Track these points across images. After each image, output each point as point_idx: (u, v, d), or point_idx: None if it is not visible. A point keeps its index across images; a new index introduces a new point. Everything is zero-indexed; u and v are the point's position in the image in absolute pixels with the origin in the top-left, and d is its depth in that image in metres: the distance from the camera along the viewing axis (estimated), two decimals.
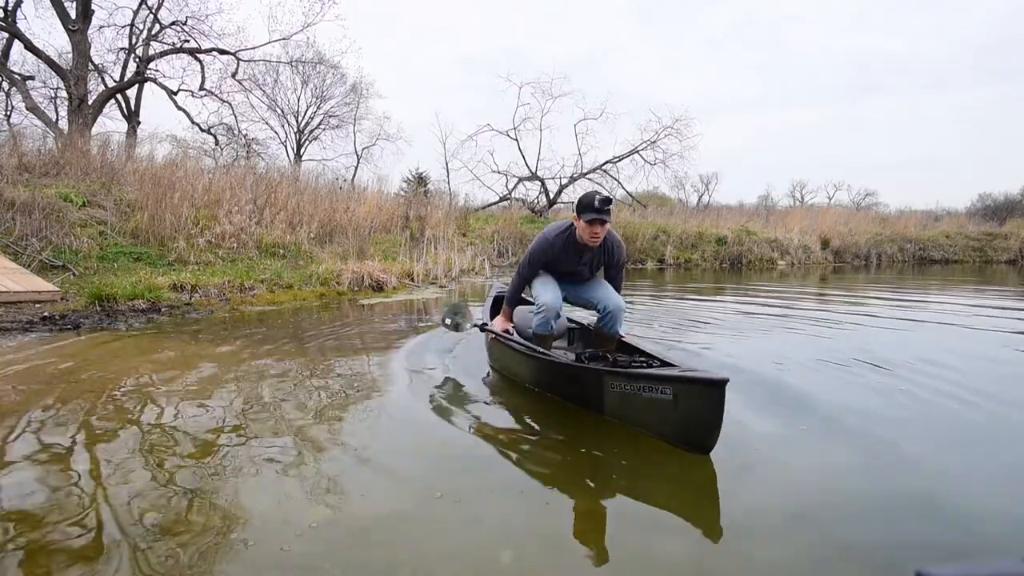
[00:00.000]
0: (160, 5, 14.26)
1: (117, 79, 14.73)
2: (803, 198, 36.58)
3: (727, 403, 2.08)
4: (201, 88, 15.21)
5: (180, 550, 1.51)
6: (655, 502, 1.87)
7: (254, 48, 15.49)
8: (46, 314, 4.96)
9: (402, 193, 17.86)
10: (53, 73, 14.37)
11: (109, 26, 13.99)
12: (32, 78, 14.75)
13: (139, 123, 15.75)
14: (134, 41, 14.48)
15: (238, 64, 15.44)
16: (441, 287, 8.82)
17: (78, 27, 12.89)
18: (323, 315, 5.89)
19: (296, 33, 15.74)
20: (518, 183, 19.17)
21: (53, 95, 16.60)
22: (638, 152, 18.80)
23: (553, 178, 18.75)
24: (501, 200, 19.06)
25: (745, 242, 16.42)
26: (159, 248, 7.49)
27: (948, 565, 0.42)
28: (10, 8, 12.72)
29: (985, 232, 21.39)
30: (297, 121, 22.87)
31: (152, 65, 14.68)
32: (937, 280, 11.48)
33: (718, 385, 2.07)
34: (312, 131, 23.02)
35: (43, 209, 6.99)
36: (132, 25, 14.22)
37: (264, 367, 3.56)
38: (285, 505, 1.77)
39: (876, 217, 23.52)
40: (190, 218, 8.06)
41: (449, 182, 20.12)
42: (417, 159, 49.31)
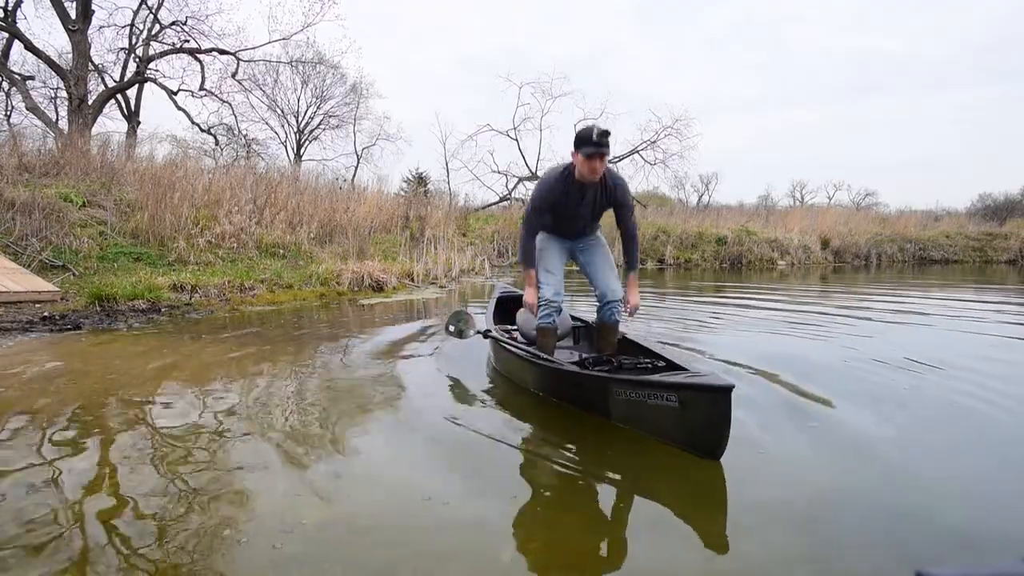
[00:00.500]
0: (160, 5, 14.27)
1: (117, 79, 14.74)
2: (803, 198, 36.57)
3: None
4: (201, 88, 15.22)
5: (179, 549, 1.51)
6: (658, 502, 1.87)
7: (254, 48, 15.51)
8: (46, 314, 4.96)
9: (402, 193, 17.87)
10: (53, 73, 14.37)
11: (109, 26, 14.01)
12: (32, 78, 14.75)
13: (139, 123, 15.76)
14: (134, 41, 14.48)
15: (238, 64, 15.44)
16: (441, 287, 8.82)
17: (78, 27, 12.89)
18: (323, 315, 5.89)
19: (296, 33, 15.76)
20: (518, 183, 19.20)
21: (53, 95, 16.60)
22: (638, 152, 18.83)
23: None
24: (501, 200, 19.08)
25: (745, 242, 16.42)
26: (159, 248, 7.49)
27: (948, 565, 0.42)
28: (10, 8, 12.73)
29: (985, 232, 21.39)
30: (297, 121, 22.88)
31: (152, 65, 14.69)
32: (937, 280, 11.49)
33: (724, 392, 2.04)
34: (312, 131, 23.03)
35: (43, 209, 6.99)
36: (132, 25, 14.24)
37: (264, 367, 3.56)
38: (284, 504, 1.77)
39: (876, 217, 23.53)
40: (190, 218, 8.06)
41: (449, 182, 20.15)
42: (417, 159, 49.27)
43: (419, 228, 12.12)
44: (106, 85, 14.65)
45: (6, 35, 13.28)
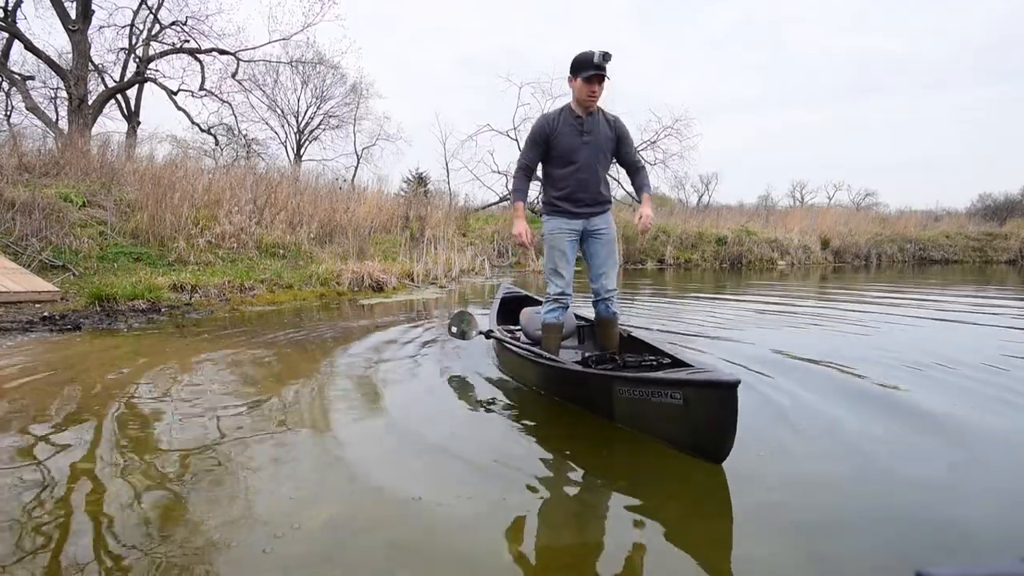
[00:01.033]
0: (160, 5, 14.28)
1: (117, 79, 14.76)
2: (803, 198, 36.63)
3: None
4: (201, 88, 15.24)
5: (177, 550, 1.51)
6: (659, 503, 1.87)
7: (254, 48, 15.54)
8: (46, 314, 4.96)
9: (402, 193, 17.88)
10: (53, 73, 14.38)
11: (109, 26, 14.04)
12: (32, 78, 14.76)
13: (139, 123, 15.78)
14: (134, 41, 14.50)
15: (238, 64, 15.46)
16: (441, 287, 8.82)
17: (78, 27, 12.89)
18: (323, 315, 5.89)
19: (296, 33, 15.80)
20: None
21: (53, 95, 16.62)
22: (638, 152, 18.80)
23: None
24: (501, 200, 19.06)
25: (745, 242, 16.43)
26: (159, 248, 7.49)
27: (948, 565, 0.42)
28: (10, 8, 12.74)
29: (985, 232, 21.39)
30: (297, 121, 22.90)
31: (152, 65, 14.71)
32: (937, 280, 11.48)
33: (730, 387, 1.95)
34: (312, 131, 23.06)
35: (43, 209, 6.99)
36: (132, 25, 14.26)
37: (263, 368, 3.56)
38: (282, 505, 1.77)
39: (876, 217, 23.53)
40: (190, 218, 8.06)
41: (449, 182, 20.16)
42: (417, 159, 49.40)
43: (419, 228, 12.12)
44: (106, 85, 14.67)
45: (6, 35, 13.28)
